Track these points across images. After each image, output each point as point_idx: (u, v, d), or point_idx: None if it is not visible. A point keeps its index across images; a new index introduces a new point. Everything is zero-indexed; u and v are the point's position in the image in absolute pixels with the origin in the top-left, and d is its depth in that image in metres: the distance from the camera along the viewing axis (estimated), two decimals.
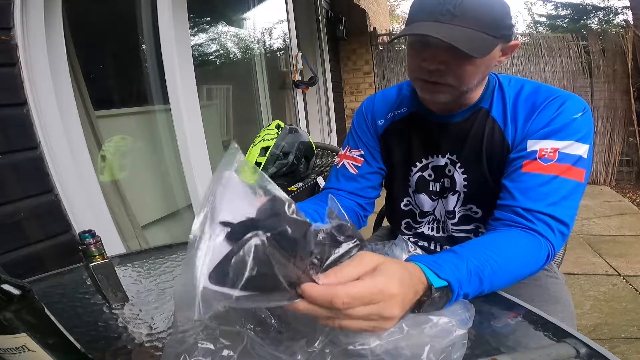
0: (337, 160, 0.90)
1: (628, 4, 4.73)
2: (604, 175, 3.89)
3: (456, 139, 0.75)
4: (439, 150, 0.78)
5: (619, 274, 2.00)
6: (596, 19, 6.36)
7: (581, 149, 0.63)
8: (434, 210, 0.83)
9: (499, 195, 0.68)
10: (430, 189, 0.81)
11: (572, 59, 3.97)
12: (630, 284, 1.90)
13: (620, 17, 5.88)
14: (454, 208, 0.79)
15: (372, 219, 1.31)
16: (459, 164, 0.76)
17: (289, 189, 1.41)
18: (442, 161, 0.78)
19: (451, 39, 0.57)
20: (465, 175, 0.76)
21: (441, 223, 0.83)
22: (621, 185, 3.82)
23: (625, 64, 3.75)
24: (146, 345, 0.52)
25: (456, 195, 0.78)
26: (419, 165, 0.81)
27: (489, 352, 0.45)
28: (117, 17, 1.86)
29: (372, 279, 0.39)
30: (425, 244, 0.86)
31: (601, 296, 1.81)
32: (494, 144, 0.71)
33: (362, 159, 0.85)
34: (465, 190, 0.76)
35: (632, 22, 3.95)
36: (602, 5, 6.43)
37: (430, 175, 0.81)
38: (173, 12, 1.42)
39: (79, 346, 0.45)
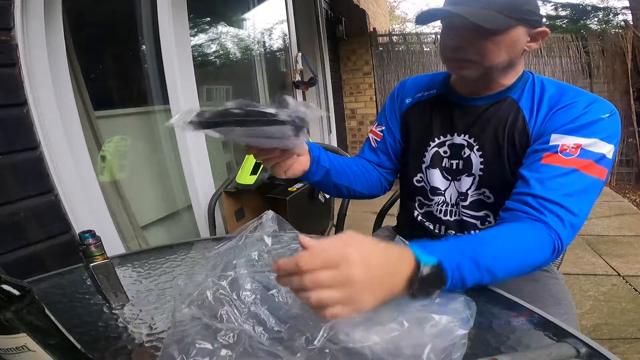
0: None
1: (627, 5, 4.73)
2: None
3: (475, 121, 0.78)
4: (455, 129, 0.81)
5: (619, 274, 2.00)
6: (596, 19, 6.36)
7: (605, 148, 0.63)
8: (445, 190, 0.84)
9: (513, 184, 0.69)
10: (444, 165, 0.83)
11: (571, 60, 3.97)
12: (630, 284, 1.90)
13: (620, 17, 5.88)
14: (467, 190, 0.80)
15: (372, 218, 1.32)
16: (476, 147, 0.77)
17: (289, 189, 1.41)
18: (459, 140, 0.80)
19: (459, 12, 0.63)
20: (482, 159, 0.77)
21: (451, 207, 0.84)
22: (621, 186, 3.83)
23: (624, 65, 3.76)
24: (146, 345, 0.52)
25: (471, 178, 0.79)
26: (436, 141, 0.84)
27: (489, 352, 0.45)
28: (117, 18, 1.86)
29: (339, 247, 0.42)
30: (431, 226, 0.87)
31: (601, 296, 1.81)
32: (516, 131, 0.73)
33: (382, 135, 0.94)
34: (481, 173, 0.77)
35: (631, 23, 3.95)
36: (601, 6, 6.44)
37: (445, 152, 0.83)
38: (173, 12, 1.42)
39: (79, 346, 0.45)
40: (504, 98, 0.76)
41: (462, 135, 0.80)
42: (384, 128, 0.95)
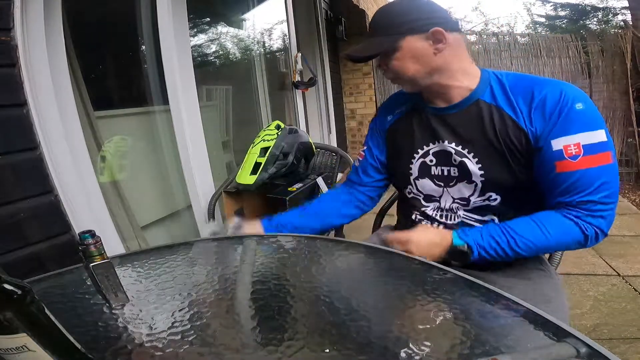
0: None
1: (627, 5, 4.73)
2: None
3: (456, 128, 0.80)
4: (437, 137, 0.84)
5: (619, 274, 2.00)
6: (595, 19, 6.37)
7: (599, 135, 0.68)
8: (440, 197, 0.86)
9: (519, 182, 0.76)
10: (433, 173, 0.86)
11: (571, 60, 3.98)
12: (629, 284, 1.90)
13: (619, 17, 5.89)
14: (469, 196, 0.82)
15: (372, 218, 1.32)
16: (471, 154, 0.79)
17: (289, 189, 1.41)
18: (444, 147, 0.83)
19: (352, 53, 0.80)
20: (480, 165, 0.79)
21: (447, 212, 0.86)
22: (621, 186, 3.81)
23: (624, 65, 3.76)
24: (146, 345, 0.52)
25: (472, 185, 0.81)
26: (420, 152, 0.87)
27: (489, 352, 0.45)
28: (117, 18, 1.86)
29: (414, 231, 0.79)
30: (429, 224, 0.89)
31: (601, 296, 1.81)
32: (510, 132, 0.75)
33: (364, 154, 1.01)
34: (483, 179, 0.79)
35: (630, 23, 3.97)
36: (601, 6, 6.45)
37: (431, 161, 0.86)
38: (173, 12, 1.42)
39: (79, 346, 0.45)
40: (476, 101, 0.78)
41: (447, 142, 0.82)
42: (365, 148, 1.02)
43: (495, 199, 0.80)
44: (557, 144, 0.70)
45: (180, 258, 0.80)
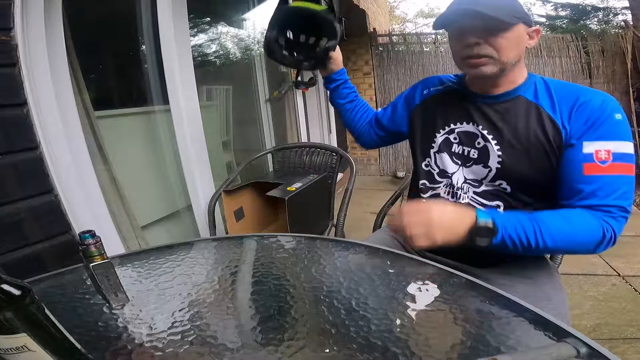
0: None
1: (627, 5, 4.73)
2: None
3: (491, 116, 0.83)
4: (466, 119, 0.87)
5: (619, 275, 2.00)
6: (595, 19, 6.37)
7: (628, 147, 0.72)
8: (453, 174, 0.88)
9: (534, 180, 0.78)
10: (453, 150, 0.89)
11: (571, 60, 3.97)
12: (630, 284, 1.90)
13: (620, 17, 5.89)
14: (482, 179, 0.85)
15: (372, 218, 1.32)
16: (495, 141, 0.82)
17: (288, 188, 1.41)
18: (471, 129, 0.85)
19: (481, 8, 0.73)
20: (500, 153, 0.81)
21: (457, 189, 0.88)
22: None
23: (624, 65, 3.76)
24: (146, 345, 0.52)
25: (487, 170, 0.83)
26: (446, 129, 0.90)
27: (489, 352, 0.45)
28: (117, 18, 1.87)
29: (425, 204, 0.71)
30: None
31: (601, 296, 1.81)
32: (543, 130, 0.77)
33: (389, 107, 1.11)
34: (499, 166, 0.81)
35: (631, 23, 3.95)
36: (601, 6, 6.44)
37: (455, 139, 0.88)
38: (173, 12, 1.42)
39: (79, 346, 0.45)
40: (517, 96, 0.81)
41: (475, 125, 0.85)
42: (390, 107, 1.10)
43: (505, 189, 0.82)
44: (589, 147, 0.73)
45: (180, 258, 0.80)
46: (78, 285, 0.70)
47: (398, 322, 0.54)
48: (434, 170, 0.92)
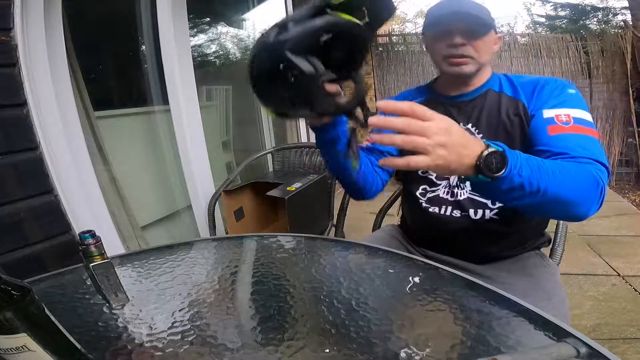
0: None
1: (627, 5, 4.73)
2: None
3: (471, 112, 0.88)
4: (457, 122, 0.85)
5: (619, 275, 2.00)
6: (595, 19, 6.37)
7: (587, 115, 0.76)
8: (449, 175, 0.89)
9: None
10: None
11: (571, 60, 3.97)
12: (630, 284, 1.90)
13: (619, 17, 5.89)
14: None
15: (372, 219, 1.32)
16: (477, 131, 0.87)
17: (288, 188, 1.41)
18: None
19: (472, 11, 0.79)
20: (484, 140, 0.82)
21: (455, 187, 0.89)
22: (620, 186, 3.82)
23: (624, 65, 3.76)
24: (146, 345, 0.52)
25: None
26: None
27: (489, 352, 0.45)
28: (117, 18, 1.87)
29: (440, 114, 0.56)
30: (437, 210, 0.91)
31: (601, 296, 1.81)
32: (513, 112, 0.84)
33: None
34: None
35: (631, 23, 3.96)
36: (601, 6, 6.44)
37: None
38: (173, 12, 1.42)
39: (79, 346, 0.45)
40: (486, 90, 0.88)
41: (462, 124, 0.87)
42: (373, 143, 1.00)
43: None
44: (549, 112, 0.78)
45: (180, 258, 0.80)
46: (78, 285, 0.70)
47: (398, 322, 0.54)
48: (432, 174, 0.93)
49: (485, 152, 0.56)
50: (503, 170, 0.57)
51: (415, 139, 0.53)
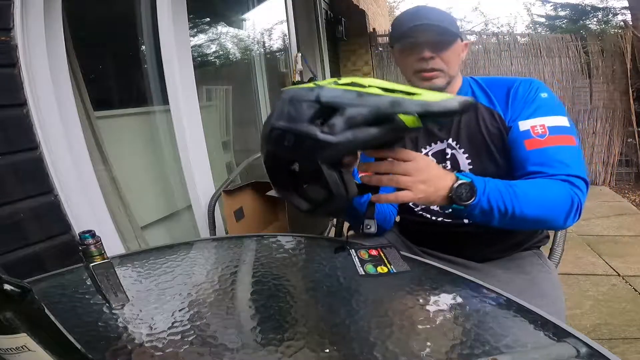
0: None
1: (627, 5, 4.74)
2: (603, 176, 3.89)
3: (451, 126, 0.87)
4: (437, 138, 0.89)
5: (619, 274, 2.00)
6: (595, 19, 6.37)
7: (562, 121, 0.76)
8: None
9: (503, 166, 0.81)
10: None
11: (571, 60, 3.97)
12: (629, 284, 1.90)
13: (619, 17, 5.89)
14: None
15: None
16: (459, 145, 0.86)
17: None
18: (440, 146, 0.88)
19: (436, 22, 0.79)
20: (466, 155, 0.85)
21: None
22: (620, 186, 3.83)
23: (624, 65, 3.76)
24: (146, 345, 0.52)
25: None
26: (423, 152, 0.90)
27: (489, 352, 0.45)
28: (117, 18, 1.87)
29: (418, 154, 0.64)
30: (428, 216, 0.91)
31: (600, 296, 1.81)
32: (490, 123, 0.83)
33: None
34: (471, 167, 0.85)
35: (630, 23, 3.96)
36: (601, 6, 6.45)
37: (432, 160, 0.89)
38: (173, 13, 1.42)
39: (79, 346, 0.45)
40: None
41: (442, 142, 0.88)
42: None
43: None
44: (524, 124, 0.77)
45: (180, 258, 0.80)
46: (78, 285, 0.70)
47: (398, 322, 0.54)
48: None
49: (456, 185, 0.63)
50: (473, 199, 0.64)
51: (399, 178, 0.61)
